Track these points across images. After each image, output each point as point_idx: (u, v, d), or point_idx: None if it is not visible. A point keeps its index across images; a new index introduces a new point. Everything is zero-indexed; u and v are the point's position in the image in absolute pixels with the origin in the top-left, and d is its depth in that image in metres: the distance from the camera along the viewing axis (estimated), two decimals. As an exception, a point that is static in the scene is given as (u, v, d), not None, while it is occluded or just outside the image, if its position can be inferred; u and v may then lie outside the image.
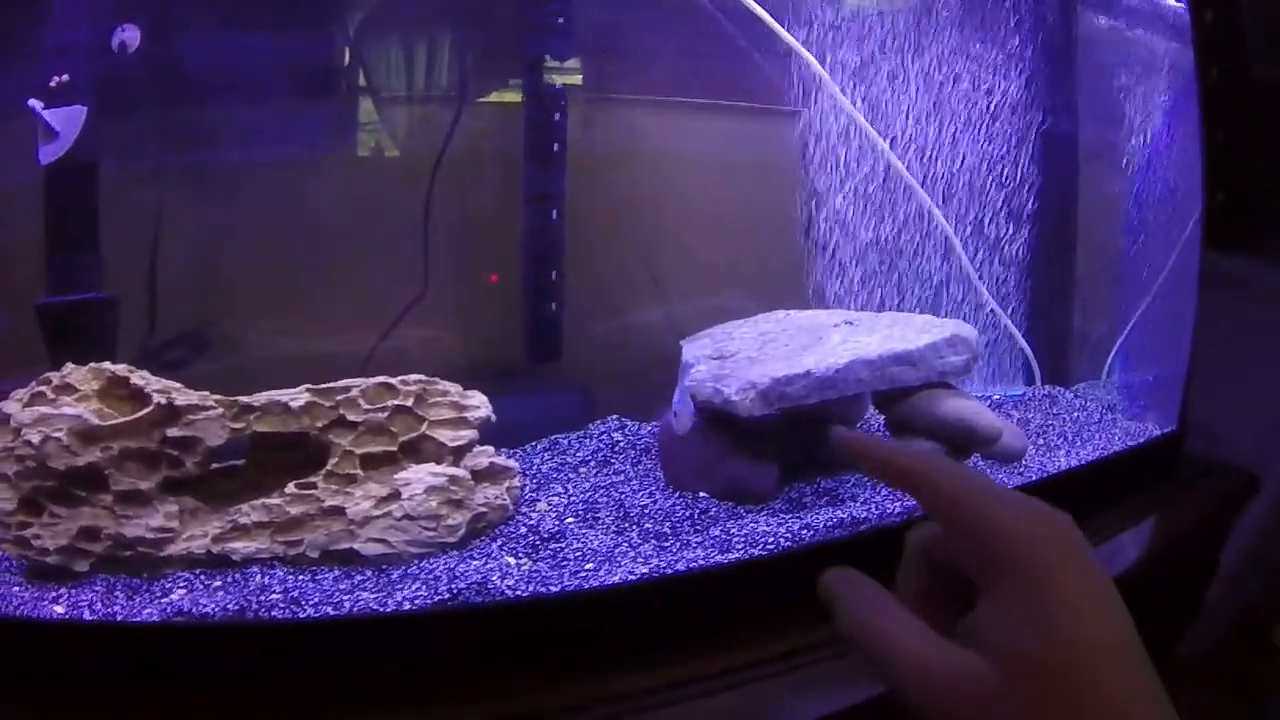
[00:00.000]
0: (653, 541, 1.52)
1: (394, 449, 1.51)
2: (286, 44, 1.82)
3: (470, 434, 1.53)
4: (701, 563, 1.42)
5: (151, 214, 1.83)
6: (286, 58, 1.80)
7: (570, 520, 1.60)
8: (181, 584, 1.49)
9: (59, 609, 1.46)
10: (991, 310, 2.32)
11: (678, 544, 1.51)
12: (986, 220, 2.24)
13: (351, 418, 1.50)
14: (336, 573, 1.49)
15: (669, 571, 1.39)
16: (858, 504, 1.68)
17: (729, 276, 2.13)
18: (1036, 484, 1.80)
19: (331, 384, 1.52)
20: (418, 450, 1.52)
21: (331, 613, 1.31)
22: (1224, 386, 2.20)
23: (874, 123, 2.05)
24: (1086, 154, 2.34)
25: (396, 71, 1.87)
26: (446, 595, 1.35)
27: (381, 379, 1.53)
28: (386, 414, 1.51)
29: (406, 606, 1.31)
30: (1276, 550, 2.26)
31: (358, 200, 1.88)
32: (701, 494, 1.66)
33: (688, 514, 1.61)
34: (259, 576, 1.48)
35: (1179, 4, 2.21)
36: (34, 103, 1.76)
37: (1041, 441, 2.15)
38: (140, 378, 1.52)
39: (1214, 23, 2.14)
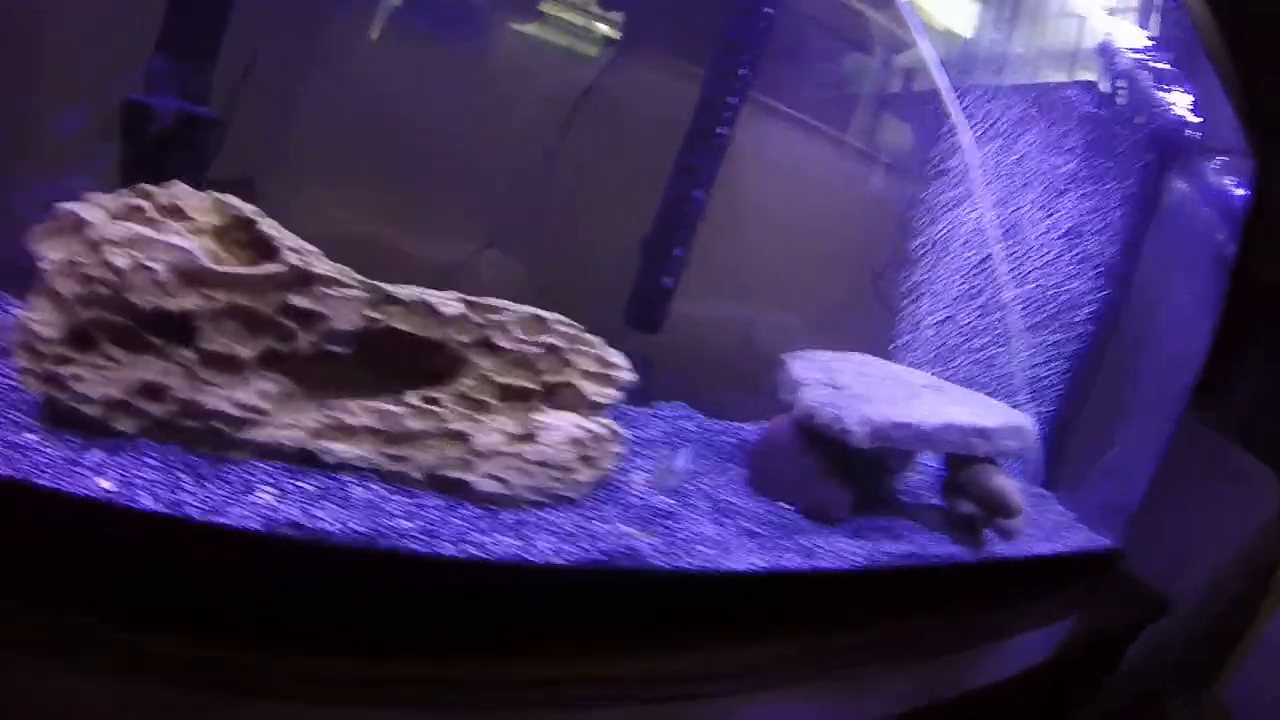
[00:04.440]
0: (749, 538, 1.51)
1: (535, 387, 1.38)
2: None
3: (613, 394, 1.42)
4: (803, 565, 1.45)
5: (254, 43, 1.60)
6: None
7: (668, 500, 1.55)
8: (263, 480, 1.27)
9: (104, 483, 1.21)
10: (1022, 407, 2.47)
11: (772, 544, 1.51)
12: (1044, 329, 2.37)
13: (500, 342, 1.36)
14: (439, 501, 1.33)
15: (784, 568, 1.41)
16: (910, 543, 1.76)
17: (802, 299, 2.13)
18: (991, 560, 1.96)
19: (480, 299, 1.37)
20: (555, 395, 1.40)
21: (481, 555, 1.16)
22: (1163, 523, 2.49)
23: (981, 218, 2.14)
24: (1131, 306, 2.55)
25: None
26: (600, 555, 1.24)
27: (533, 310, 1.39)
28: (537, 350, 1.38)
29: (556, 560, 1.20)
30: (1175, 657, 2.58)
31: (485, 109, 1.73)
32: (783, 504, 1.68)
33: (776, 520, 1.63)
34: (357, 489, 1.30)
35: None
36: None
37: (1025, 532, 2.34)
38: (272, 227, 1.31)
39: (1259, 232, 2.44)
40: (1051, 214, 2.35)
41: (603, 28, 1.92)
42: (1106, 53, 2.56)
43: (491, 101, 1.78)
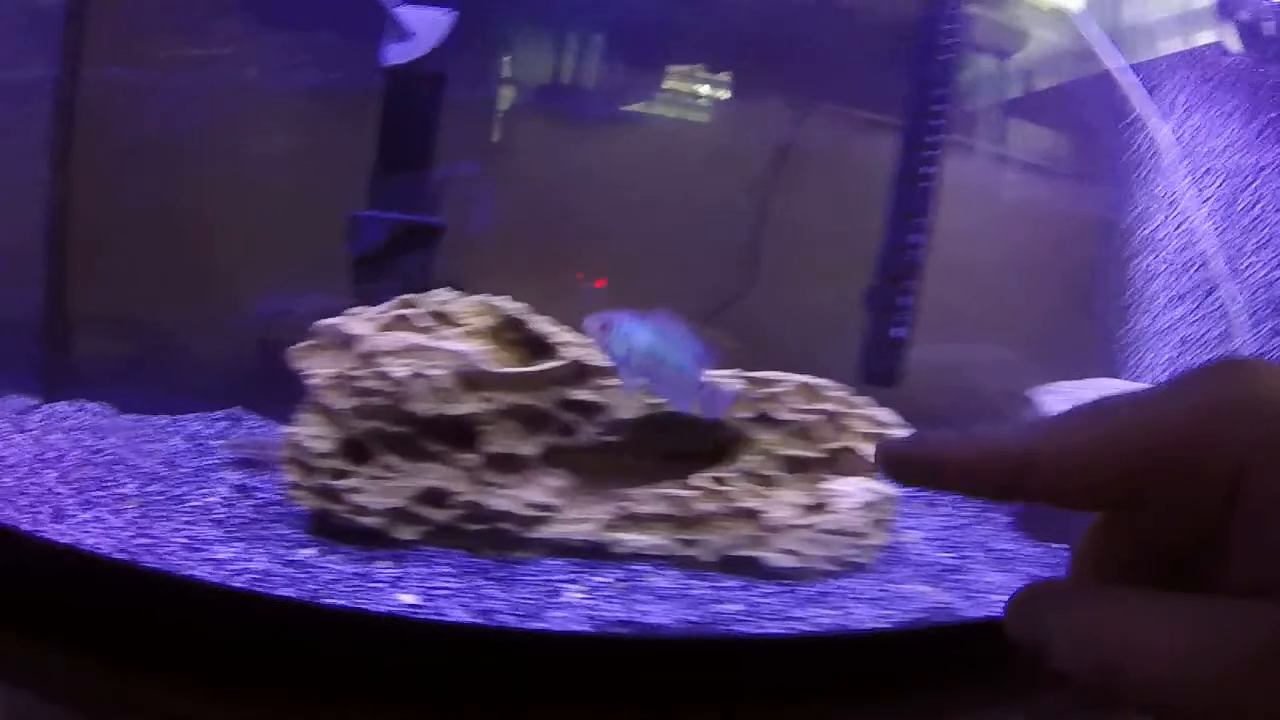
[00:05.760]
0: (1032, 581, 1.45)
1: (817, 456, 1.33)
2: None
3: (894, 453, 1.37)
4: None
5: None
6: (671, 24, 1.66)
7: (942, 553, 1.48)
8: (561, 578, 1.23)
9: (405, 597, 1.17)
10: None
11: None
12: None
13: (779, 414, 1.31)
14: (733, 581, 1.28)
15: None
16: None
17: (1014, 330, 2.07)
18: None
19: (755, 373, 1.33)
20: (836, 461, 1.35)
21: (815, 630, 1.11)
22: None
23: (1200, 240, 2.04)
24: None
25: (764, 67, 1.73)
26: (918, 615, 1.18)
27: (804, 378, 1.35)
28: (815, 418, 1.33)
29: (878, 624, 1.15)
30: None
31: (689, 179, 1.72)
32: (1054, 544, 1.60)
33: (1053, 562, 1.54)
34: (655, 577, 1.25)
35: None
36: (384, -8, 1.53)
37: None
38: (543, 323, 1.29)
39: None
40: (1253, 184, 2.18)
41: (704, 88, 1.90)
42: (1228, 7, 2.39)
43: (673, 174, 1.77)
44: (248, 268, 1.68)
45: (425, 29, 1.51)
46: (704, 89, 1.73)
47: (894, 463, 0.43)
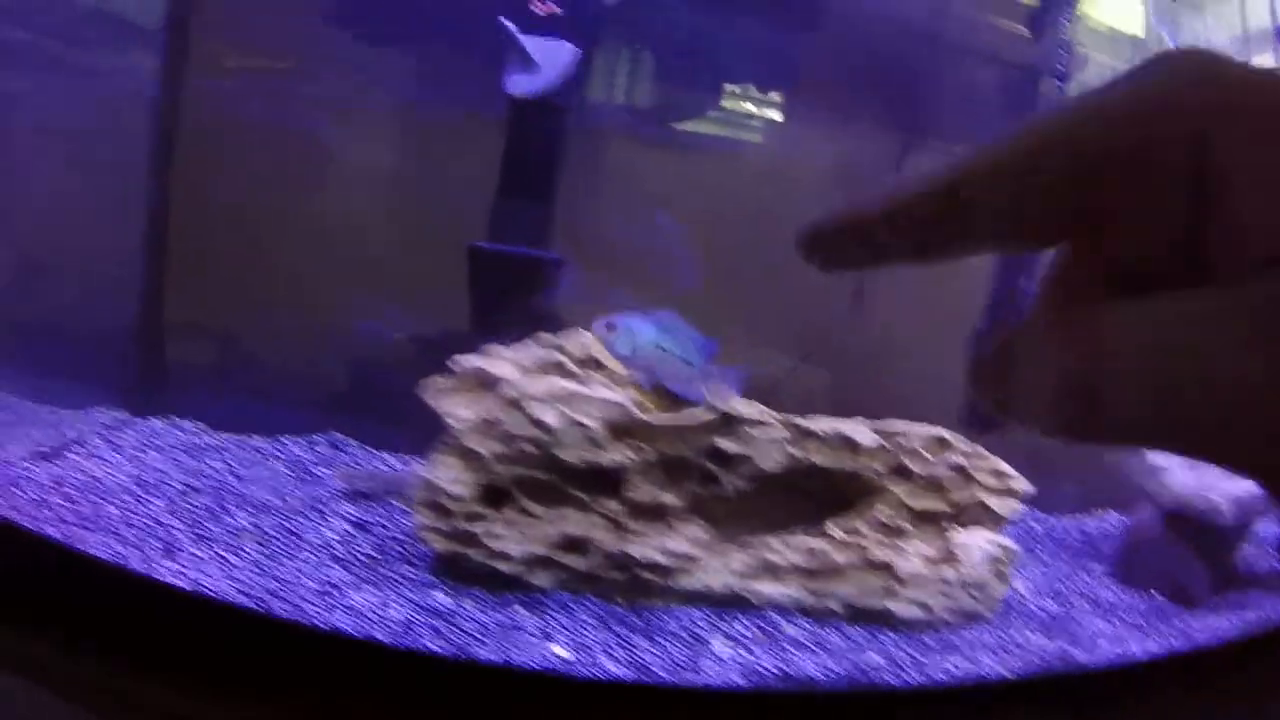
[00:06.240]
0: (1135, 629, 1.50)
1: (946, 509, 1.35)
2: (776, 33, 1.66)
3: (1015, 505, 1.40)
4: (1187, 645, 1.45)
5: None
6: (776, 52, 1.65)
7: (1048, 602, 1.53)
8: (702, 627, 1.25)
9: (559, 650, 1.18)
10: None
11: (1156, 632, 1.49)
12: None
13: (911, 467, 1.33)
14: (861, 631, 1.31)
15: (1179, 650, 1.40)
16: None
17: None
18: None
19: (886, 425, 1.35)
20: (963, 513, 1.38)
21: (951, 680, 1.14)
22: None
23: None
24: None
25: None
26: (1039, 664, 1.23)
27: (935, 431, 1.37)
28: (945, 470, 1.35)
29: (1000, 673, 1.19)
30: None
31: (796, 211, 1.72)
32: (1153, 591, 1.66)
33: (1150, 607, 1.60)
34: (790, 627, 1.27)
35: None
36: (508, 24, 1.51)
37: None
38: (691, 372, 1.29)
39: None
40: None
41: (749, 106, 1.90)
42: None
43: (778, 205, 1.77)
44: (345, 286, 1.65)
45: (551, 60, 1.49)
46: (817, 120, 1.73)
47: (815, 242, 0.36)
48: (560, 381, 1.24)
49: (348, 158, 1.64)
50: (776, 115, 1.76)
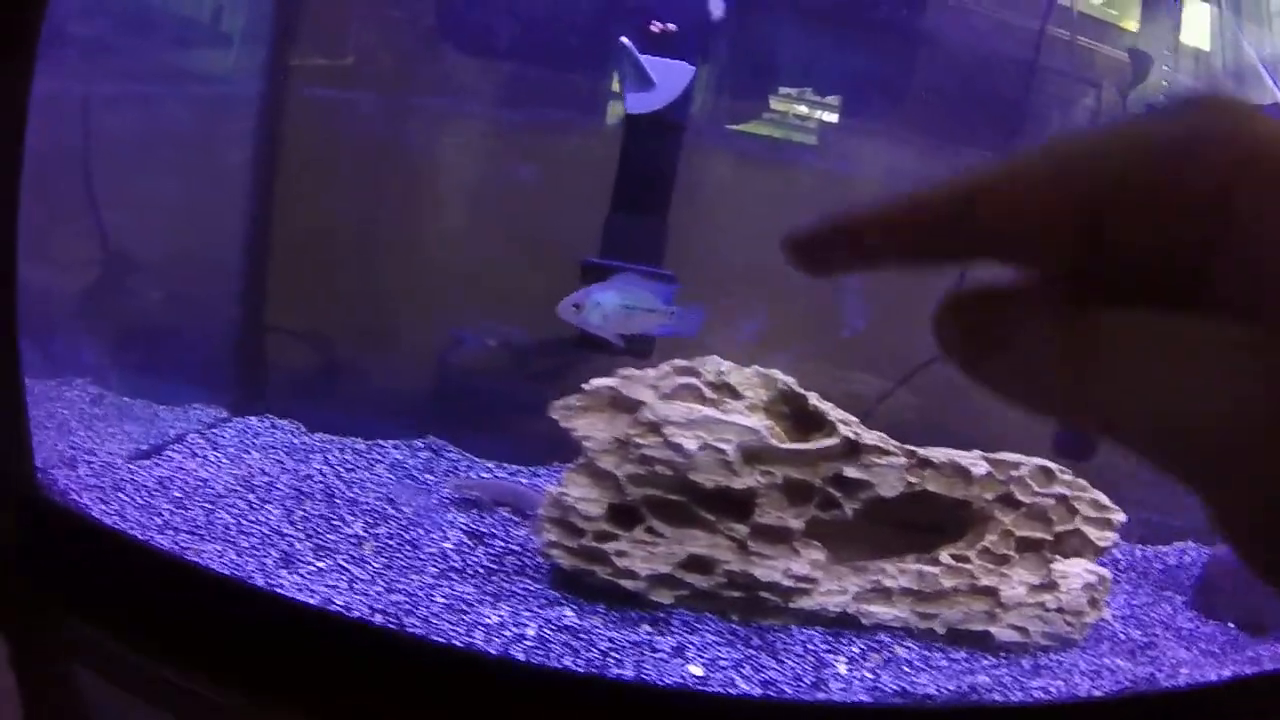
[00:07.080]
0: (1212, 658, 1.56)
1: (1048, 538, 1.41)
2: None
3: (1112, 536, 1.46)
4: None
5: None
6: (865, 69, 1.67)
7: (1133, 630, 1.59)
8: (821, 648, 1.30)
9: (694, 669, 1.22)
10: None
11: (1232, 661, 1.56)
12: None
13: (1019, 496, 1.39)
14: (961, 654, 1.37)
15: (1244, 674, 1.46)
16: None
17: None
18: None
19: (998, 455, 1.40)
20: (1063, 542, 1.43)
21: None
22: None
23: None
24: None
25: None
26: (1129, 685, 1.30)
27: (1042, 461, 1.42)
28: (1050, 501, 1.41)
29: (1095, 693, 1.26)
30: None
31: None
32: (1229, 623, 1.72)
33: (1222, 637, 1.66)
34: (899, 649, 1.33)
35: None
36: (628, 43, 1.52)
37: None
38: (819, 400, 1.33)
39: None
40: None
41: (802, 109, 1.92)
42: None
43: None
44: (443, 293, 1.67)
45: (668, 79, 1.51)
46: (920, 145, 1.76)
47: (804, 247, 0.35)
48: (697, 407, 1.28)
49: (453, 169, 1.65)
50: (879, 136, 1.79)
